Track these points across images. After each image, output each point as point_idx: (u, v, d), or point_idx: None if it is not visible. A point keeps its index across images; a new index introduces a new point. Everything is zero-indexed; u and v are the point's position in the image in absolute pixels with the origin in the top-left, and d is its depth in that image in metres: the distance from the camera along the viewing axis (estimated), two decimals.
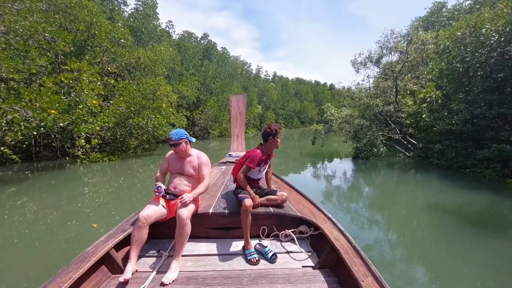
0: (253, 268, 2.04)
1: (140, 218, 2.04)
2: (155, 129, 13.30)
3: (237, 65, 42.56)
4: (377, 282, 1.55)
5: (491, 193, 6.64)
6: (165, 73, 18.49)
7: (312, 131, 13.54)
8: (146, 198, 5.89)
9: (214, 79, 27.44)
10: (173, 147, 2.39)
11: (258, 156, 2.56)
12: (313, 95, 76.29)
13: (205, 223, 2.54)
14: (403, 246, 4.08)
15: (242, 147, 6.37)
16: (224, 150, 18.28)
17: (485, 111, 8.50)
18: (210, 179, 4.10)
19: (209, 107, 24.76)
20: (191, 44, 26.36)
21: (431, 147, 10.11)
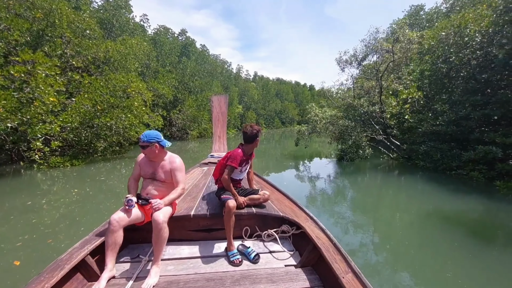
0: (236, 269, 2.03)
1: (112, 221, 1.95)
2: (126, 130, 12.10)
3: (217, 63, 41.49)
4: (356, 278, 1.57)
5: (479, 197, 6.42)
6: (139, 69, 17.16)
7: (296, 131, 13.03)
8: (116, 206, 5.32)
9: (193, 77, 26.25)
10: (142, 149, 2.25)
11: (240, 155, 2.54)
12: (294, 96, 76.80)
13: (187, 225, 2.49)
14: (386, 249, 4.00)
15: (224, 147, 6.26)
16: (204, 152, 17.37)
17: (469, 112, 8.41)
18: (192, 180, 3.84)
19: (188, 106, 23.57)
20: (167, 39, 24.98)
21: (415, 148, 9.96)
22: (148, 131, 2.28)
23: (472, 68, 8.84)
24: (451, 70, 9.25)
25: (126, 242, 2.08)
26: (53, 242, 3.93)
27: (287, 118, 64.16)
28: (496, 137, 7.63)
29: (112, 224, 1.95)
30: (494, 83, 8.37)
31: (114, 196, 6.64)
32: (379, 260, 3.68)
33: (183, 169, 2.39)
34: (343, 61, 11.56)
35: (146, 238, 2.33)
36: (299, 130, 12.77)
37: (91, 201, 6.28)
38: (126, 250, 2.27)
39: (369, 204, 6.57)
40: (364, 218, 5.45)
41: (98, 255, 2.04)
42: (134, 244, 2.38)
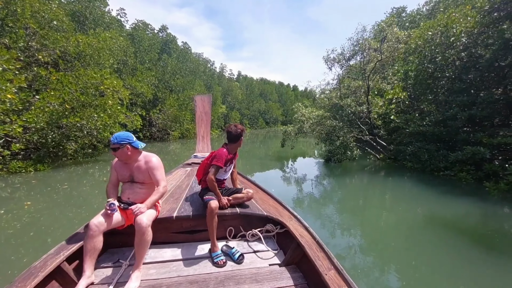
0: (220, 271, 2.01)
1: (91, 226, 1.86)
2: (99, 131, 11.12)
3: (199, 62, 40.45)
4: (339, 274, 1.60)
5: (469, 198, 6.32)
6: (114, 65, 16.04)
7: (281, 132, 12.64)
8: (89, 215, 4.89)
9: (174, 76, 25.22)
10: (113, 152, 2.14)
11: (225, 154, 2.52)
12: (278, 96, 76.95)
13: (169, 227, 2.45)
14: (372, 250, 3.96)
15: (208, 147, 6.20)
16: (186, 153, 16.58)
17: (456, 113, 8.37)
18: (175, 181, 3.75)
19: (169, 106, 22.56)
20: (146, 35, 23.77)
21: (402, 149, 9.87)
22: (119, 132, 2.18)
23: (457, 69, 8.85)
24: (436, 70, 9.23)
25: (106, 246, 2.00)
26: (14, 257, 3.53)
27: (271, 118, 64.09)
28: (483, 138, 7.61)
29: (91, 229, 1.85)
30: (479, 84, 8.41)
31: (86, 203, 6.07)
32: (365, 260, 3.67)
33: (161, 167, 2.26)
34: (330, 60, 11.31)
35: (127, 242, 2.25)
36: (285, 130, 12.37)
37: (60, 209, 5.58)
38: (105, 254, 2.19)
39: (357, 205, 6.42)
40: (351, 220, 5.35)
41: (75, 261, 1.97)
42: (114, 248, 2.30)
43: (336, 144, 9.87)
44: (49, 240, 4.17)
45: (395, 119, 10.25)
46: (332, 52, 11.13)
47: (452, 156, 8.01)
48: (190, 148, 18.99)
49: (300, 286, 1.83)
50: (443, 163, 8.42)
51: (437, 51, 8.93)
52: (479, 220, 5.28)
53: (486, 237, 4.45)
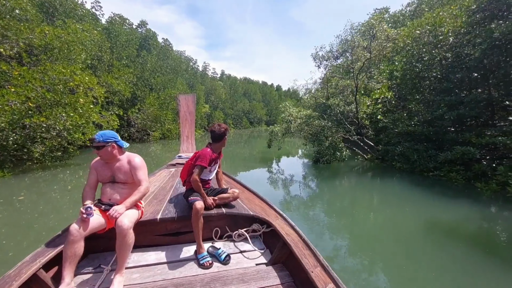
0: (206, 272, 1.97)
1: (72, 231, 1.77)
2: (69, 132, 10.12)
3: (181, 60, 39.22)
4: (325, 271, 1.61)
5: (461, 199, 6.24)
6: (88, 61, 14.86)
7: (268, 132, 12.21)
8: (58, 224, 4.61)
9: (154, 74, 24.09)
10: (96, 150, 2.07)
11: (209, 154, 2.49)
12: (261, 95, 76.74)
13: (153, 230, 2.38)
14: (363, 252, 3.89)
15: (192, 147, 6.12)
16: (167, 154, 15.76)
17: (444, 112, 8.33)
18: (159, 182, 3.64)
19: (148, 105, 21.45)
20: (124, 30, 22.46)
21: (391, 149, 9.76)
22: (103, 130, 2.12)
23: (445, 68, 8.84)
24: (423, 70, 9.19)
25: (86, 251, 1.89)
26: None
27: (255, 118, 63.72)
28: (471, 138, 7.59)
29: (72, 234, 1.77)
30: (467, 83, 8.43)
31: (56, 211, 5.52)
32: (352, 259, 3.69)
33: (143, 167, 2.22)
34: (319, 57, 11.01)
35: (109, 246, 2.17)
36: (272, 130, 11.94)
37: (23, 220, 4.94)
38: (85, 260, 2.11)
39: (345, 207, 6.32)
40: (339, 221, 5.27)
41: (53, 268, 1.90)
42: (94, 253, 2.21)
43: (325, 144, 9.57)
44: (10, 254, 3.65)
45: (383, 119, 10.14)
46: (321, 49, 10.88)
47: (441, 156, 7.94)
48: (172, 150, 18.12)
49: (287, 284, 1.83)
50: (432, 163, 8.35)
51: (425, 50, 8.88)
52: (470, 220, 5.19)
53: (478, 237, 4.39)
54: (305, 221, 5.19)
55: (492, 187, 6.18)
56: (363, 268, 3.51)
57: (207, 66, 54.20)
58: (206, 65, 54.29)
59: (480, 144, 7.29)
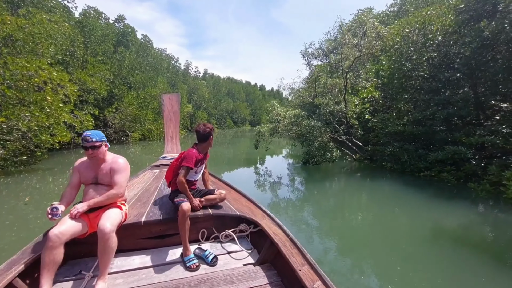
0: (193, 275, 1.94)
1: (51, 236, 1.68)
2: (35, 133, 9.09)
3: (162, 57, 37.83)
4: (312, 269, 1.62)
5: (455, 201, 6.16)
6: (58, 56, 13.62)
7: (255, 132, 11.74)
8: (24, 236, 4.26)
9: (133, 71, 22.85)
10: (91, 150, 2.01)
11: (195, 155, 2.44)
12: (245, 95, 76.23)
13: (137, 233, 2.31)
14: (353, 253, 3.88)
15: (177, 148, 5.98)
16: (148, 156, 14.88)
17: (434, 112, 8.27)
18: (143, 184, 3.53)
19: (127, 104, 20.25)
20: (99, 24, 21.04)
21: (380, 149, 9.63)
22: (92, 130, 2.11)
23: (433, 67, 8.81)
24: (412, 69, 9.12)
25: (65, 257, 1.77)
26: None
27: (239, 118, 63.09)
28: (462, 137, 7.55)
29: (51, 240, 1.66)
30: (455, 82, 8.42)
31: (21, 225, 4.83)
32: (341, 260, 3.69)
33: (124, 170, 2.15)
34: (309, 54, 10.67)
35: (90, 252, 2.06)
36: (259, 131, 11.47)
37: None
38: (65, 267, 1.99)
39: (335, 209, 6.20)
40: (329, 223, 5.17)
41: (30, 277, 1.78)
42: (75, 259, 2.10)
43: (314, 145, 9.25)
44: None
45: (372, 119, 10.01)
46: (310, 46, 10.56)
47: (432, 156, 7.86)
48: (153, 151, 17.19)
49: (275, 283, 1.82)
50: (422, 163, 8.27)
51: (413, 49, 8.80)
52: (466, 221, 5.10)
53: (474, 239, 4.31)
54: (295, 223, 5.01)
55: (485, 188, 6.10)
56: (352, 269, 3.46)
57: (189, 65, 52.83)
58: (188, 63, 52.89)
59: (470, 143, 7.26)
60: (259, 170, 10.39)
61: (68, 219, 1.85)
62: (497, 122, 7.70)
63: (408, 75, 9.43)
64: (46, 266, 1.63)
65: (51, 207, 1.79)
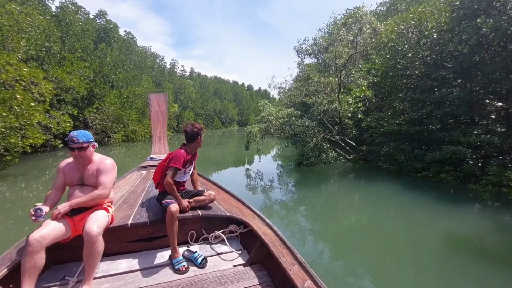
0: (182, 277, 1.90)
1: (31, 241, 1.61)
2: (4, 136, 8.20)
3: (146, 55, 36.57)
4: (302, 269, 1.61)
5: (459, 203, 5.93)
6: (31, 51, 12.57)
7: (246, 133, 11.24)
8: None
9: (116, 69, 21.74)
10: (77, 151, 1.95)
11: (183, 155, 2.40)
12: (233, 95, 75.53)
13: (124, 236, 2.26)
14: (355, 264, 3.59)
15: (165, 149, 5.90)
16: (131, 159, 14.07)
17: (431, 111, 8.11)
18: (129, 186, 3.49)
19: (109, 103, 19.18)
20: (78, 19, 19.81)
21: (375, 149, 9.40)
22: (79, 130, 2.05)
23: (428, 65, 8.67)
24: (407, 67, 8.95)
25: (48, 262, 1.71)
26: None
27: (226, 118, 62.32)
28: (459, 137, 7.41)
29: (31, 245, 1.59)
30: (451, 81, 8.30)
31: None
32: (336, 264, 3.57)
33: (111, 171, 2.10)
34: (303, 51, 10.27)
35: (74, 256, 2.02)
36: (250, 131, 10.99)
37: None
38: (47, 272, 1.91)
39: (331, 212, 5.92)
40: (325, 227, 4.94)
41: (10, 284, 1.70)
42: (58, 264, 2.02)
43: (309, 146, 8.88)
44: None
45: (366, 118, 9.79)
46: (304, 42, 10.17)
47: (429, 156, 7.69)
48: (137, 153, 16.34)
49: (265, 284, 1.81)
50: (419, 163, 8.10)
51: (408, 47, 8.62)
52: (475, 226, 4.83)
53: (483, 245, 4.08)
54: (288, 226, 4.85)
55: (488, 189, 5.93)
56: (346, 272, 3.36)
57: (175, 64, 51.50)
58: (174, 62, 51.54)
59: (468, 143, 7.13)
60: (250, 172, 9.91)
61: (50, 223, 1.76)
62: (493, 121, 7.64)
63: (402, 73, 9.27)
64: (27, 272, 1.56)
65: (34, 208, 1.73)
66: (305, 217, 5.58)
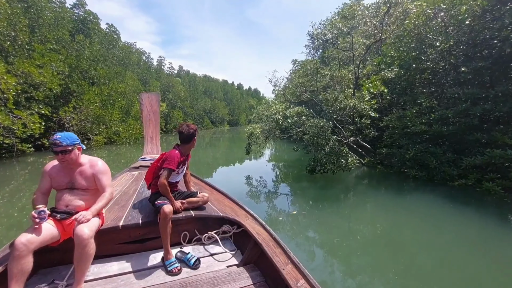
0: (175, 279, 1.86)
1: (17, 245, 1.54)
2: None
3: (131, 51, 34.33)
4: (296, 268, 1.61)
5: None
6: None
7: (246, 134, 9.73)
8: None
9: (96, 64, 19.66)
10: (61, 154, 1.84)
11: (177, 156, 2.35)
12: (223, 94, 73.69)
13: (115, 238, 2.19)
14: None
15: (157, 149, 5.78)
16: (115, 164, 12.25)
17: (467, 108, 6.90)
18: (120, 187, 3.44)
19: (88, 102, 17.13)
20: (51, 6, 17.62)
21: (398, 153, 8.12)
22: (63, 132, 1.93)
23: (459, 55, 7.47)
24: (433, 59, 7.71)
25: (36, 266, 1.65)
26: None
27: (217, 118, 60.46)
28: (504, 138, 6.24)
29: (17, 249, 1.53)
30: (491, 74, 7.11)
31: None
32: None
33: (107, 172, 2.08)
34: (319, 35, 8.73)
35: (63, 260, 1.97)
36: (251, 132, 9.47)
37: None
38: (36, 276, 1.86)
39: (346, 229, 4.78)
40: (340, 247, 4.02)
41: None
42: (46, 268, 1.96)
43: (325, 150, 7.47)
44: None
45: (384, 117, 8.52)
46: (320, 26, 8.75)
47: (467, 161, 6.48)
48: (121, 157, 14.49)
49: (259, 284, 1.79)
50: (454, 169, 6.88)
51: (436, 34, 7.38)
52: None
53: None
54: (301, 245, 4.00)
55: None
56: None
57: (162, 61, 49.14)
58: (161, 59, 49.17)
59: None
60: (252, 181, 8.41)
61: (37, 226, 1.66)
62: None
63: (427, 66, 8.04)
64: (14, 277, 1.51)
65: (38, 211, 1.67)
66: (320, 234, 4.58)
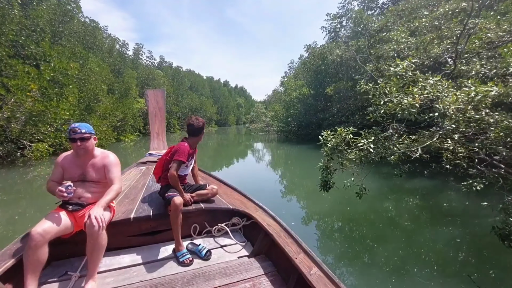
0: (187, 269, 1.88)
1: (34, 235, 1.53)
2: None
3: (99, 31, 27.61)
4: (308, 257, 1.61)
5: None
6: None
7: (321, 167, 4.44)
8: None
9: (39, 37, 13.38)
10: (79, 141, 1.84)
11: (187, 149, 2.38)
12: (210, 91, 67.42)
13: (126, 230, 2.21)
14: None
15: (163, 144, 5.72)
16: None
17: None
18: (129, 181, 3.39)
19: (16, 89, 10.88)
20: None
21: None
22: (80, 122, 1.96)
23: None
24: None
25: (49, 259, 1.65)
26: None
27: (205, 117, 54.16)
28: None
29: (34, 239, 1.52)
30: None
31: None
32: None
33: (118, 164, 2.06)
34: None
35: (75, 252, 1.99)
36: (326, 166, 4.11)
37: None
38: (49, 268, 1.85)
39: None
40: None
41: (12, 280, 1.65)
42: (58, 260, 1.96)
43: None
44: None
45: None
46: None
47: None
48: None
49: (271, 273, 1.80)
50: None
51: None
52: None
53: None
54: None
55: None
56: None
57: (141, 48, 42.13)
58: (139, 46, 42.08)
59: None
60: None
61: (51, 217, 1.68)
62: None
63: None
64: (30, 267, 1.51)
65: (65, 185, 1.71)
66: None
